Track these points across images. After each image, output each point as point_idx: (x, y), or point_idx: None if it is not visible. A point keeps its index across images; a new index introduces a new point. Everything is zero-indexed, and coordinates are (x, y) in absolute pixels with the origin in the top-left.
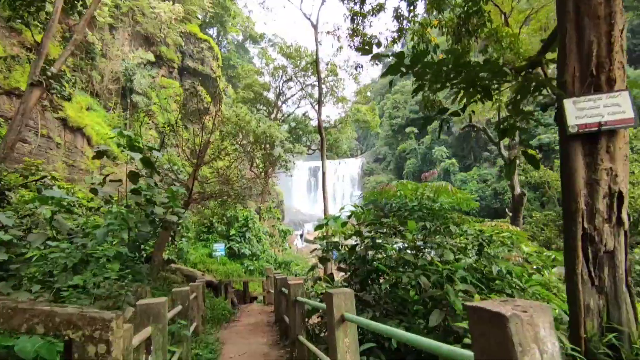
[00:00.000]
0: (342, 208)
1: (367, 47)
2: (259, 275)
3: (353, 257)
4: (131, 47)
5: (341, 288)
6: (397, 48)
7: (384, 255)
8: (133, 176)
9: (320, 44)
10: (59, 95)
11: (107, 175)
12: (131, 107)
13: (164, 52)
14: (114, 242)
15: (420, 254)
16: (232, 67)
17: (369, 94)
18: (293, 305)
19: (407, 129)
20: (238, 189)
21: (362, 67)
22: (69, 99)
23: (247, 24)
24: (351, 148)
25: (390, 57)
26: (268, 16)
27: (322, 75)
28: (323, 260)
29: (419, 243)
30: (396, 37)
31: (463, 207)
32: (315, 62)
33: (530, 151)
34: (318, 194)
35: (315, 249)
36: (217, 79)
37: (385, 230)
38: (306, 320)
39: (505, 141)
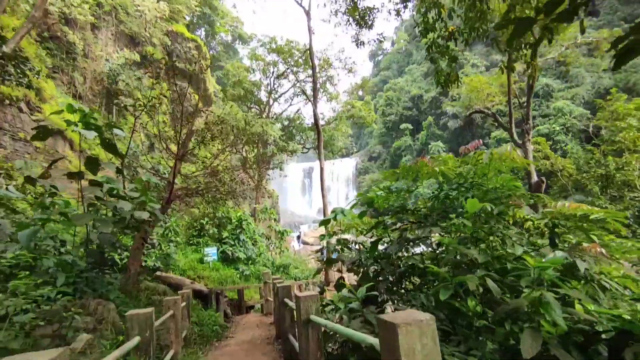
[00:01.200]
0: (360, 194)
1: (364, 20)
2: (256, 280)
3: (375, 256)
4: (115, 47)
5: (410, 312)
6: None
7: (411, 253)
8: (91, 164)
9: (314, 33)
10: (15, 82)
11: (56, 160)
12: (117, 109)
13: (149, 52)
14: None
15: (479, 248)
16: (222, 68)
17: (360, 93)
18: (304, 327)
19: (402, 126)
20: (229, 182)
21: (363, 44)
22: (29, 87)
23: (235, 24)
24: (346, 145)
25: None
26: (257, 3)
27: (317, 70)
28: (329, 262)
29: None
30: (401, 7)
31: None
32: (309, 51)
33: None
34: (313, 195)
35: (321, 248)
36: (206, 79)
37: (415, 219)
38: (324, 346)
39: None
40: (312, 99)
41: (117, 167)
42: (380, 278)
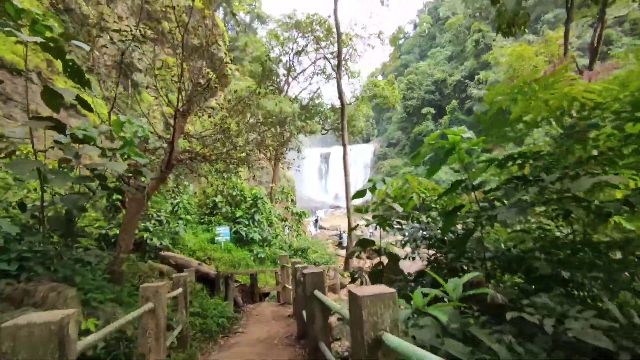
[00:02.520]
0: (434, 135)
1: None
2: (271, 264)
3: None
4: (130, 22)
5: None
6: None
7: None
8: (50, 96)
9: None
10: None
11: None
12: (132, 85)
13: (165, 29)
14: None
15: None
16: (239, 49)
17: (380, 77)
18: (372, 349)
19: (424, 110)
20: (242, 146)
21: None
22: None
23: (254, 4)
24: (367, 128)
25: None
26: None
27: (341, 37)
28: (363, 243)
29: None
30: None
31: None
32: (334, 16)
33: None
34: (329, 181)
35: (342, 232)
36: (224, 56)
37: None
38: None
39: None
40: (335, 70)
41: (77, 95)
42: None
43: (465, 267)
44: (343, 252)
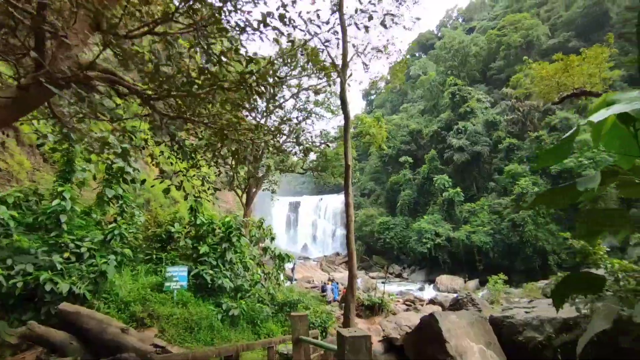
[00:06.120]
0: None
1: None
2: (248, 326)
3: None
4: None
5: None
6: None
7: None
8: None
9: None
10: None
11: None
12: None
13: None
14: None
15: None
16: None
17: (352, 129)
18: None
19: (401, 159)
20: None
21: None
22: None
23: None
24: (353, 168)
25: None
26: None
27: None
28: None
29: None
30: None
31: None
32: (339, 11)
33: None
34: (298, 231)
35: (323, 285)
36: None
37: None
38: None
39: None
40: (340, 72)
41: None
42: None
43: None
44: (329, 308)
